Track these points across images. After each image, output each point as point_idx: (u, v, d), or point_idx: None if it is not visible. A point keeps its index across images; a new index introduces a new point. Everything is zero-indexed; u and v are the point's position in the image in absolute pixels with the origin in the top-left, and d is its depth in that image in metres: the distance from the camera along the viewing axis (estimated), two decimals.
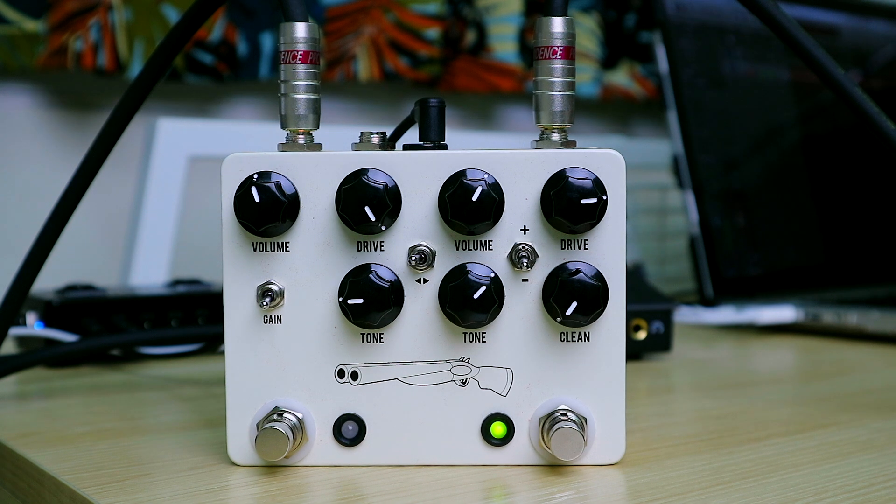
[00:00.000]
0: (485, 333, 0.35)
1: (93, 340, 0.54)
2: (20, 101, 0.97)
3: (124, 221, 0.90)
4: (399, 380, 0.35)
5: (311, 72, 0.35)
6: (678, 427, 0.43)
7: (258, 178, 0.34)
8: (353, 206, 0.34)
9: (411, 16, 1.08)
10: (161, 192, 0.82)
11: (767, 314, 0.72)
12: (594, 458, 0.35)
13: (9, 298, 0.44)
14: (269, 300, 0.35)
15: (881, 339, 0.68)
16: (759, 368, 0.62)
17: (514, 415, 0.35)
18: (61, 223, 0.43)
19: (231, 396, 0.36)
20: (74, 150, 0.99)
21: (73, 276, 0.75)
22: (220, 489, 0.34)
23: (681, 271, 1.01)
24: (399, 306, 0.35)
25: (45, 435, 0.42)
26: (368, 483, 0.34)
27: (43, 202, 0.55)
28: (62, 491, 0.35)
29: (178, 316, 0.63)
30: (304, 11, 0.35)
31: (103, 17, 0.92)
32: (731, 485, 0.33)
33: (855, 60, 0.92)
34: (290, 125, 0.36)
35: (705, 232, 0.77)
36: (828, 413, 0.45)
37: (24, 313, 0.59)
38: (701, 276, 0.78)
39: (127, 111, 0.41)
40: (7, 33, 0.89)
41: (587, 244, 0.35)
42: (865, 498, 0.32)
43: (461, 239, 0.35)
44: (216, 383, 0.53)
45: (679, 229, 1.00)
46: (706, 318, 0.75)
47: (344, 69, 1.05)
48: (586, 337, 0.35)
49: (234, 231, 0.35)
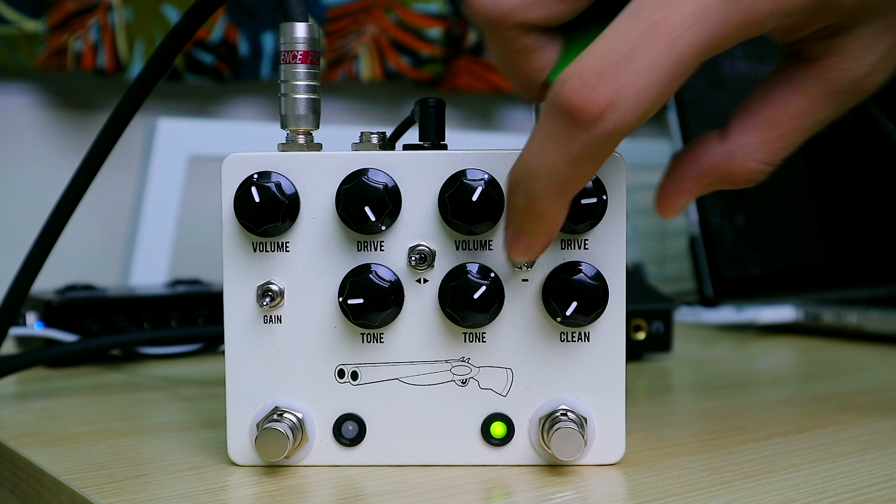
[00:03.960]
0: (485, 333, 0.35)
1: (93, 340, 0.54)
2: (20, 101, 0.97)
3: (124, 221, 0.90)
4: (399, 380, 0.35)
5: (311, 72, 0.35)
6: (678, 427, 0.43)
7: (258, 178, 0.34)
8: (353, 206, 0.34)
9: (413, 15, 1.08)
10: (161, 192, 0.82)
11: (767, 314, 0.72)
12: (594, 458, 0.35)
13: (9, 298, 0.44)
14: (269, 300, 0.35)
15: (881, 339, 0.68)
16: (759, 368, 0.62)
17: (514, 415, 0.35)
18: (61, 223, 0.43)
19: (231, 396, 0.36)
20: (74, 150, 0.99)
21: (73, 276, 0.75)
22: (220, 489, 0.33)
23: (681, 271, 1.01)
24: (399, 306, 0.35)
25: (45, 435, 0.42)
26: (368, 483, 0.34)
27: (43, 202, 0.55)
28: (62, 491, 0.35)
29: (178, 316, 0.63)
30: (304, 11, 0.35)
31: (103, 17, 0.92)
32: (731, 485, 0.33)
33: None
34: (290, 125, 0.36)
35: (705, 232, 0.77)
36: (828, 413, 0.45)
37: (24, 313, 0.59)
38: (701, 276, 0.78)
39: (127, 111, 0.41)
40: (7, 33, 0.89)
41: (587, 244, 0.35)
42: (865, 498, 0.32)
43: (461, 239, 0.35)
44: (216, 383, 0.53)
45: (679, 229, 1.00)
46: (706, 318, 0.75)
47: (346, 69, 1.05)
48: (586, 337, 0.35)
49: (234, 231, 0.35)
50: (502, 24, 0.31)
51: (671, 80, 0.29)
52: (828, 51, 0.32)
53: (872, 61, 0.32)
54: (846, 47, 0.32)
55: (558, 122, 0.29)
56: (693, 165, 0.33)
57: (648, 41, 0.28)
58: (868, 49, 0.32)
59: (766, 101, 0.33)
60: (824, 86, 0.32)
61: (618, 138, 0.29)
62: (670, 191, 0.34)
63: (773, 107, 0.33)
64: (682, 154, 0.34)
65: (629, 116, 0.28)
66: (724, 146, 0.33)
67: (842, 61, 0.32)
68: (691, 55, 0.28)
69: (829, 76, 0.32)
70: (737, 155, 0.33)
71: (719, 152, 0.33)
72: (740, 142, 0.33)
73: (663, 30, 0.28)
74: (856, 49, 0.32)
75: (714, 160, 0.33)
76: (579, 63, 0.29)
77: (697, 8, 0.28)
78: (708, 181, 0.33)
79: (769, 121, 0.33)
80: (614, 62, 0.28)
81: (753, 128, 0.33)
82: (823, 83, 0.32)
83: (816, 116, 0.33)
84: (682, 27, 0.28)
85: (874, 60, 0.32)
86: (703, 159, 0.33)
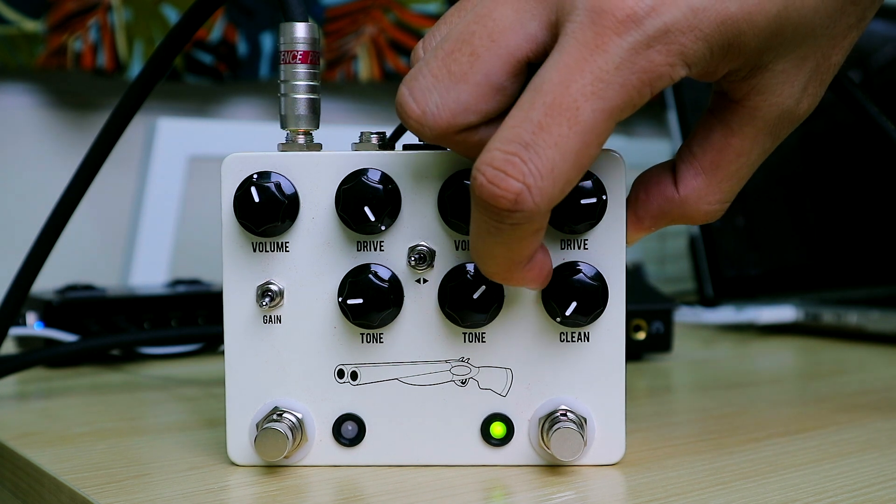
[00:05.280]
0: (484, 333, 0.35)
1: (93, 340, 0.54)
2: (20, 101, 0.97)
3: (124, 221, 0.90)
4: (399, 380, 0.35)
5: (310, 72, 0.35)
6: (678, 427, 0.43)
7: (258, 178, 0.34)
8: (352, 206, 0.34)
9: (412, 15, 1.08)
10: (161, 192, 0.82)
11: (767, 314, 0.72)
12: (594, 458, 0.35)
13: (9, 298, 0.44)
14: (268, 300, 0.35)
15: (881, 339, 0.68)
16: (759, 368, 0.62)
17: (514, 415, 0.35)
18: (61, 223, 0.43)
19: (230, 396, 0.36)
20: (74, 150, 0.99)
21: (73, 276, 0.75)
22: (220, 489, 0.33)
23: (681, 271, 1.01)
24: (398, 306, 0.35)
25: (45, 435, 0.42)
26: (368, 483, 0.34)
27: (43, 202, 0.55)
28: (62, 491, 0.35)
29: (178, 316, 0.63)
30: (303, 11, 0.35)
31: (102, 17, 0.92)
32: (731, 485, 0.33)
33: (855, 60, 0.92)
34: (290, 125, 0.36)
35: (705, 232, 0.77)
36: (828, 413, 0.45)
37: (24, 313, 0.59)
38: (701, 276, 0.78)
39: (127, 111, 0.41)
40: (7, 33, 0.89)
41: (587, 244, 0.35)
42: (865, 498, 0.32)
43: (461, 239, 0.35)
44: (216, 383, 0.53)
45: (679, 229, 1.00)
46: (706, 318, 0.75)
47: (344, 69, 1.05)
48: (586, 337, 0.35)
49: (234, 231, 0.35)
50: (447, 135, 0.31)
51: (581, 150, 0.29)
52: (751, 91, 0.32)
53: (796, 92, 0.32)
54: (766, 84, 0.32)
55: (481, 213, 0.30)
56: (650, 206, 0.34)
57: (550, 119, 0.28)
58: (788, 83, 0.32)
59: (706, 145, 0.33)
60: (757, 124, 0.33)
61: (543, 214, 0.29)
62: (630, 224, 0.35)
63: (714, 151, 0.33)
64: (641, 190, 0.34)
65: (546, 194, 0.29)
66: (676, 193, 0.34)
67: (767, 98, 0.32)
68: (596, 123, 0.29)
69: (759, 115, 0.32)
70: (689, 200, 0.34)
71: (673, 199, 0.34)
72: (691, 188, 0.33)
73: (563, 105, 0.28)
74: (776, 85, 0.32)
75: (669, 205, 0.34)
76: (488, 152, 0.29)
77: (593, 79, 0.28)
78: (665, 222, 0.34)
79: (713, 165, 0.33)
80: (522, 146, 0.28)
81: (700, 173, 0.33)
82: (755, 122, 0.32)
83: (756, 152, 0.33)
84: (581, 99, 0.28)
85: (798, 91, 0.32)
86: (658, 203, 0.34)
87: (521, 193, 0.28)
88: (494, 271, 0.32)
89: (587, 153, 0.29)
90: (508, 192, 0.28)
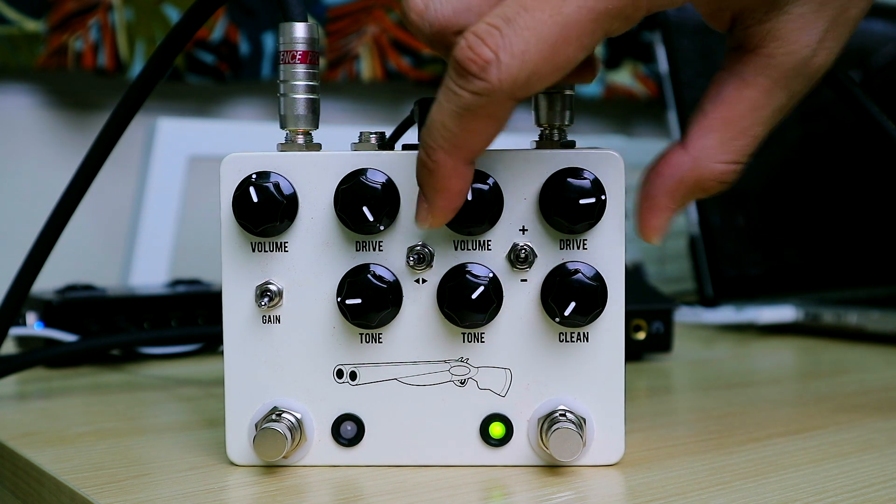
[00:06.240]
0: (483, 334, 0.35)
1: (93, 340, 0.54)
2: (20, 101, 0.97)
3: (124, 221, 0.90)
4: (398, 380, 0.35)
5: (310, 72, 0.35)
6: (678, 427, 0.43)
7: (256, 178, 0.34)
8: (351, 206, 0.34)
9: None
10: (161, 192, 0.82)
11: (767, 314, 0.72)
12: (593, 458, 0.35)
13: (9, 298, 0.44)
14: (267, 300, 0.35)
15: (881, 339, 0.68)
16: (759, 368, 0.62)
17: (513, 415, 0.35)
18: (61, 223, 0.43)
19: (230, 396, 0.36)
20: (74, 150, 0.99)
21: (73, 276, 0.75)
22: (220, 489, 0.33)
23: (681, 271, 1.01)
24: (397, 306, 0.35)
25: (45, 435, 0.42)
26: (367, 483, 0.34)
27: (43, 202, 0.55)
28: (62, 491, 0.35)
29: (178, 316, 0.63)
30: (303, 11, 0.35)
31: (103, 17, 0.92)
32: (731, 485, 0.33)
33: (855, 60, 0.92)
34: (290, 125, 0.36)
35: (705, 232, 0.77)
36: (828, 413, 0.45)
37: (24, 313, 0.59)
38: (701, 276, 0.78)
39: (127, 111, 0.41)
40: (7, 33, 0.89)
41: (586, 244, 0.35)
42: (865, 498, 0.32)
43: (459, 239, 0.35)
44: (216, 383, 0.53)
45: (679, 229, 1.00)
46: (706, 318, 0.75)
47: (346, 69, 1.05)
48: (585, 337, 0.35)
49: (233, 231, 0.35)
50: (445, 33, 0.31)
51: (557, 43, 0.29)
52: (766, 37, 0.32)
53: (813, 41, 0.32)
54: (783, 30, 0.31)
55: (451, 75, 0.30)
56: (661, 181, 0.33)
57: (535, 3, 0.29)
58: (806, 29, 0.32)
59: (719, 100, 0.33)
60: (771, 73, 0.32)
61: (501, 98, 0.29)
62: (647, 211, 0.34)
63: (726, 105, 0.33)
64: (650, 173, 0.34)
65: (511, 75, 0.29)
66: (686, 155, 0.33)
67: (782, 45, 0.32)
68: (580, 20, 0.29)
69: (774, 63, 0.32)
70: (701, 160, 0.33)
71: (684, 162, 0.33)
72: (701, 146, 0.33)
73: None
74: (793, 31, 0.31)
75: (680, 171, 0.33)
76: (477, 24, 0.30)
77: None
78: (681, 194, 0.33)
79: (725, 120, 0.32)
80: (504, 20, 0.29)
81: (711, 130, 0.33)
82: (770, 71, 0.32)
83: (771, 107, 0.33)
84: None
85: (815, 40, 0.32)
86: (669, 173, 0.33)
87: (489, 62, 0.29)
88: (435, 146, 0.31)
89: (563, 50, 0.29)
90: (479, 58, 0.29)
